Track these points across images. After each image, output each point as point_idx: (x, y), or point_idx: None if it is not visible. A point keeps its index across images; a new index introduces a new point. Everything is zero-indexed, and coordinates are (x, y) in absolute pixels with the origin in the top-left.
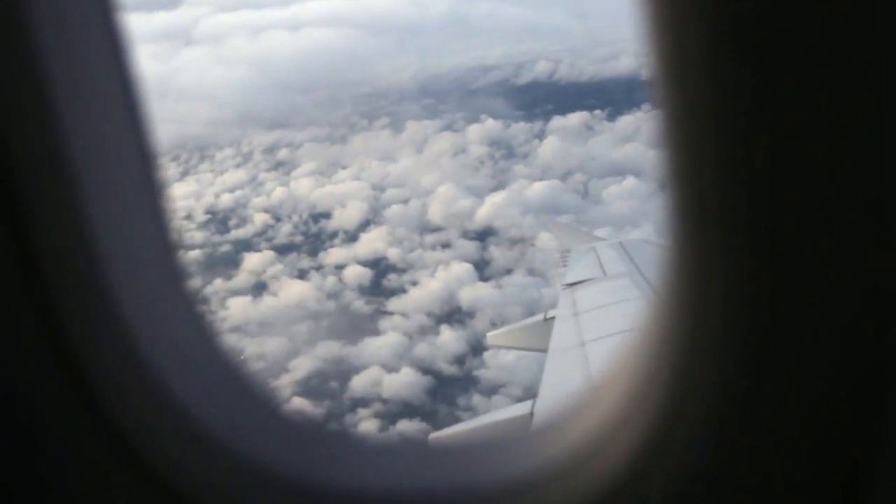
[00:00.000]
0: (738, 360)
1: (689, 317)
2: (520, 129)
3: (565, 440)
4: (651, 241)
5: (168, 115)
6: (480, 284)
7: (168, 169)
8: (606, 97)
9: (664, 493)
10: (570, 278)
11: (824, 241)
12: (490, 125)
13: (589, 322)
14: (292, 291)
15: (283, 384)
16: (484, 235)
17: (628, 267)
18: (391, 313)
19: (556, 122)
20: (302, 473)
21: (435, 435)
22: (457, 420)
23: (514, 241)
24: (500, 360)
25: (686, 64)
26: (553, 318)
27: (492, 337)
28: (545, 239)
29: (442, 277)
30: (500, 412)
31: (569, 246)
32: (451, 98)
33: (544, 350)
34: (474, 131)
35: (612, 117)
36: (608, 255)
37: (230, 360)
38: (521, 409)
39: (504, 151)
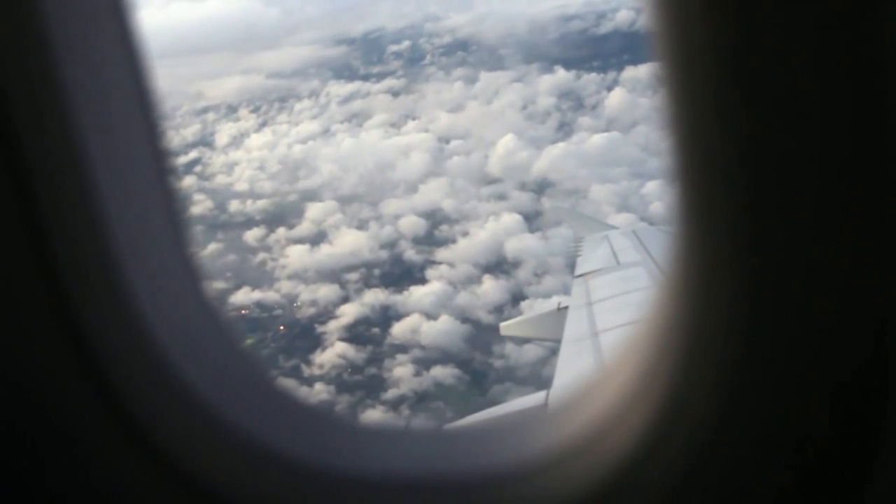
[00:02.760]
0: (741, 349)
1: (694, 306)
2: (591, 80)
3: (572, 425)
4: (664, 229)
5: (246, 67)
6: (527, 235)
7: (248, 120)
8: None
9: (668, 479)
10: (584, 268)
11: (830, 235)
12: (561, 76)
13: (602, 312)
14: (349, 240)
15: (331, 329)
16: (539, 187)
17: (641, 255)
18: (439, 263)
19: (629, 72)
20: (314, 459)
21: (450, 425)
22: (489, 367)
23: (568, 193)
24: (536, 310)
25: (693, 59)
26: (566, 307)
27: (505, 327)
28: (598, 191)
29: (491, 228)
30: (515, 402)
31: (582, 234)
32: (528, 48)
33: (558, 340)
34: (545, 82)
35: None
36: (621, 244)
37: (242, 348)
38: (536, 399)
39: (572, 103)
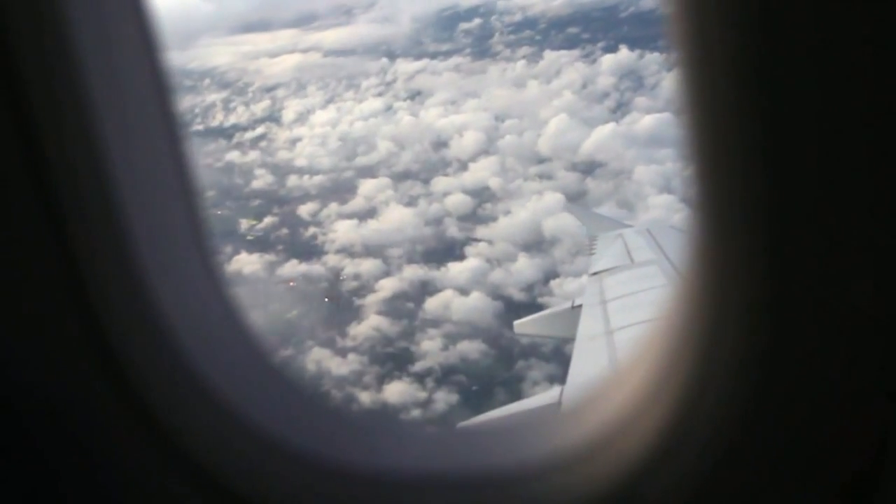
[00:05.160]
0: (758, 349)
1: (711, 305)
2: (653, 59)
3: (586, 425)
4: (678, 227)
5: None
6: (566, 215)
7: (315, 96)
8: None
9: (684, 481)
10: (598, 266)
11: (851, 234)
12: (624, 55)
13: (616, 310)
14: (395, 216)
15: (369, 303)
16: (587, 167)
17: (656, 254)
18: (478, 240)
19: None
20: (330, 455)
21: (463, 423)
22: (515, 343)
23: (614, 174)
24: (565, 290)
25: (710, 58)
26: (580, 306)
27: (519, 325)
28: (642, 172)
29: (532, 207)
30: (529, 401)
31: (596, 233)
32: (596, 27)
33: (572, 338)
34: (607, 62)
35: None
36: (635, 243)
37: (261, 345)
38: (550, 397)
39: (632, 83)
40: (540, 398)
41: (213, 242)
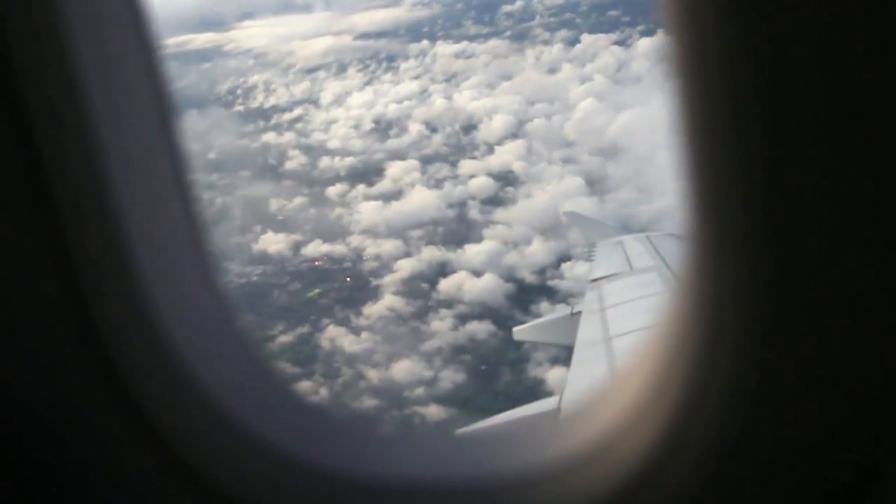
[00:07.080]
0: (756, 355)
1: (709, 311)
2: None
3: (586, 431)
4: (678, 235)
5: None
6: (584, 199)
7: (354, 79)
8: None
9: (683, 487)
10: (597, 273)
11: (848, 240)
12: (660, 39)
13: (616, 317)
14: (419, 198)
15: (386, 283)
16: (610, 152)
17: (655, 261)
18: (497, 223)
19: None
20: (330, 463)
21: (462, 429)
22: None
23: (636, 159)
24: (575, 273)
25: (705, 58)
26: (580, 312)
27: (518, 331)
28: (663, 157)
29: (552, 191)
30: (527, 408)
31: (595, 240)
32: (637, 10)
33: (571, 345)
34: (643, 45)
35: None
36: (635, 250)
37: (257, 350)
38: (548, 404)
39: (666, 67)
40: (539, 404)
41: (211, 244)
